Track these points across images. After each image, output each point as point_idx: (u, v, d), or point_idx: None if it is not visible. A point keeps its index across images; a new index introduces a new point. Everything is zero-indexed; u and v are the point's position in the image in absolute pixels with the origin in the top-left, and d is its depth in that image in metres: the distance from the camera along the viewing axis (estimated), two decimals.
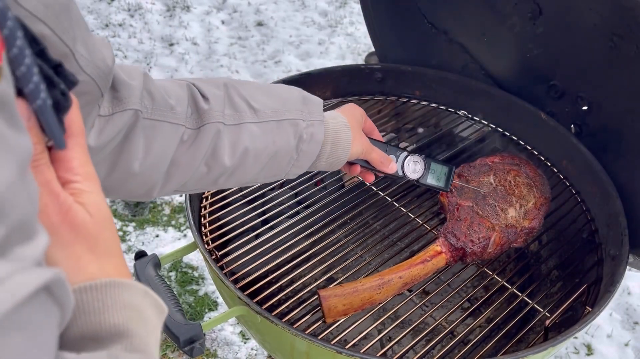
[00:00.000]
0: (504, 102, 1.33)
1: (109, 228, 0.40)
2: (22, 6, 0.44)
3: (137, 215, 2.17)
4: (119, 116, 0.62)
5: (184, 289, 1.91)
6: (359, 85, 1.42)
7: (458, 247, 0.99)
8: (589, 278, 1.05)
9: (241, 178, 0.77)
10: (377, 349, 1.06)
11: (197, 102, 0.70)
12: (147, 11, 3.32)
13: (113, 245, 0.41)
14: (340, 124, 0.82)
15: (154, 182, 0.69)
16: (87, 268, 0.38)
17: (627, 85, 1.06)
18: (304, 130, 0.77)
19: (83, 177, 0.39)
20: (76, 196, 0.38)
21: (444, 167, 0.98)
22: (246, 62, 2.98)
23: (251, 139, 0.73)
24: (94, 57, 0.54)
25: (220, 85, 0.73)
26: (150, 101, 0.65)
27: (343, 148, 0.82)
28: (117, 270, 0.40)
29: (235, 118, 0.72)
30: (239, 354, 1.75)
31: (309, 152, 0.79)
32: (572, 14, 1.08)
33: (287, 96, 0.78)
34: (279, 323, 0.86)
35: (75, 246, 0.38)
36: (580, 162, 1.20)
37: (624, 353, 1.77)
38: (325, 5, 3.46)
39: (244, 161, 0.74)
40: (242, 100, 0.73)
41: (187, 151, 0.69)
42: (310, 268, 1.03)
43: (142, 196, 0.72)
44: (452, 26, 1.35)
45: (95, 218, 0.39)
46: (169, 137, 0.67)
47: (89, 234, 0.38)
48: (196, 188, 0.76)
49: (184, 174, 0.71)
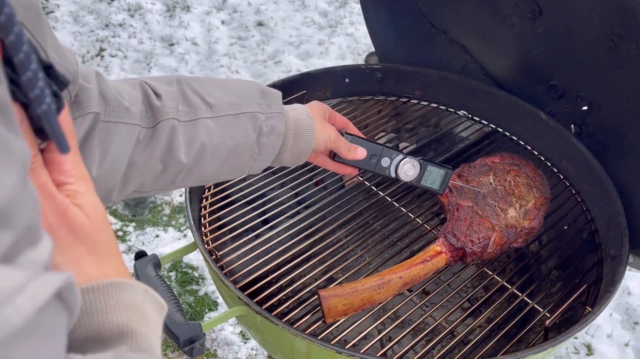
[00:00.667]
0: (504, 102, 1.33)
1: (106, 229, 0.41)
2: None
3: (137, 215, 2.17)
4: (80, 121, 0.61)
5: (184, 289, 1.91)
6: (359, 85, 1.42)
7: (458, 247, 0.99)
8: (589, 278, 1.05)
9: (200, 175, 0.76)
10: (377, 349, 1.06)
11: (150, 100, 0.69)
12: (147, 11, 3.32)
13: (111, 245, 0.41)
14: (302, 114, 0.81)
15: (112, 186, 0.68)
16: (87, 270, 0.38)
17: (627, 85, 1.06)
18: (263, 122, 0.76)
19: (77, 178, 0.39)
20: (72, 198, 0.38)
21: (440, 170, 0.98)
22: (246, 62, 2.98)
23: (207, 134, 0.72)
24: (65, 61, 0.55)
25: (173, 81, 0.72)
26: (105, 103, 0.64)
27: (306, 139, 0.81)
28: (117, 270, 0.40)
29: (190, 114, 0.71)
30: (239, 354, 1.75)
31: (270, 145, 0.78)
32: (572, 14, 1.08)
33: (245, 90, 0.77)
34: (279, 323, 0.86)
35: (75, 249, 0.38)
36: (580, 162, 1.20)
37: (624, 353, 1.77)
38: (325, 6, 3.46)
39: (201, 157, 0.73)
40: (197, 96, 0.73)
41: (144, 151, 0.68)
42: (310, 268, 1.03)
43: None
44: (452, 26, 1.35)
45: (92, 219, 0.39)
46: (125, 138, 0.66)
47: (88, 235, 0.38)
48: (154, 189, 0.75)
49: (142, 175, 0.70)
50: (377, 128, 1.38)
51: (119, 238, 2.07)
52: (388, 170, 0.93)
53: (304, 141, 0.81)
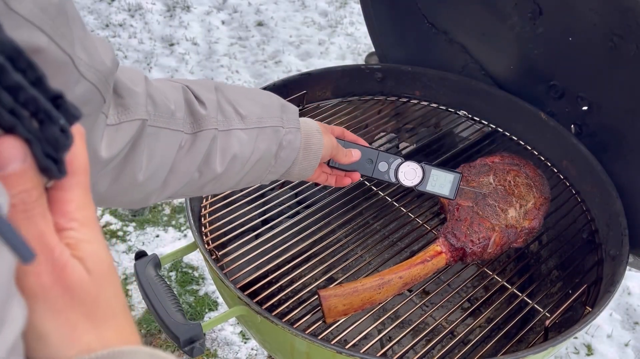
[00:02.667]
0: (504, 102, 1.33)
1: (110, 284, 0.35)
2: (16, 12, 0.40)
3: (138, 215, 2.17)
4: (128, 125, 0.59)
5: (184, 289, 1.91)
6: (359, 85, 1.42)
7: (458, 247, 0.99)
8: (589, 278, 1.05)
9: (225, 184, 0.76)
10: (377, 349, 1.06)
11: (192, 106, 0.68)
12: (148, 11, 3.32)
13: (115, 304, 0.35)
14: (312, 129, 0.83)
15: (152, 190, 0.68)
16: (82, 338, 0.32)
17: (627, 85, 1.06)
18: (283, 137, 0.77)
19: (81, 222, 0.33)
20: (72, 248, 0.33)
21: (448, 175, 0.95)
22: (246, 62, 2.98)
23: (239, 146, 0.73)
24: (94, 61, 0.50)
25: (212, 88, 0.72)
26: (153, 107, 0.62)
27: (315, 154, 0.82)
28: (119, 334, 0.35)
29: (225, 124, 0.71)
30: (239, 354, 1.75)
31: (285, 158, 0.79)
32: (573, 14, 1.08)
33: (268, 103, 0.78)
34: (279, 323, 0.86)
35: (70, 313, 0.32)
36: (580, 162, 1.20)
37: (624, 353, 1.77)
38: (325, 6, 3.46)
39: (231, 167, 0.73)
40: (230, 105, 0.72)
41: (185, 157, 0.68)
42: (310, 268, 1.03)
43: (137, 204, 0.70)
44: (452, 26, 1.35)
45: (94, 274, 0.33)
46: (169, 144, 0.65)
47: (87, 296, 0.33)
48: (183, 195, 0.75)
49: (179, 181, 0.69)
50: (377, 128, 1.38)
51: (119, 238, 2.07)
52: (387, 174, 0.93)
53: (312, 155, 0.82)
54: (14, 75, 0.28)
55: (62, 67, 0.46)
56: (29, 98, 0.29)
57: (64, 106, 0.31)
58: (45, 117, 0.30)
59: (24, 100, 0.29)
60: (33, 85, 0.29)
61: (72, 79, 0.48)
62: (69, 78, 0.47)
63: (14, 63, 0.28)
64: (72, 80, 0.48)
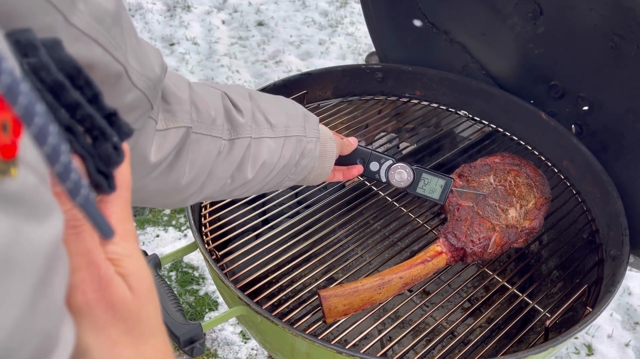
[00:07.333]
0: (505, 102, 1.33)
1: (151, 302, 0.35)
2: (74, 26, 0.40)
3: (138, 215, 2.17)
4: (175, 132, 0.60)
5: (184, 289, 1.91)
6: (360, 85, 1.42)
7: (458, 247, 0.99)
8: (590, 278, 1.05)
9: (249, 190, 0.78)
10: (377, 349, 1.06)
11: (230, 114, 0.70)
12: (148, 11, 3.32)
13: (154, 321, 0.35)
14: (327, 137, 0.85)
15: (190, 193, 0.69)
16: (122, 354, 0.33)
17: (628, 85, 1.06)
18: (305, 146, 0.80)
19: (121, 236, 0.33)
20: (116, 264, 0.33)
21: (439, 179, 0.98)
22: (247, 62, 2.98)
23: (268, 153, 0.74)
24: (145, 69, 0.51)
25: (247, 96, 0.74)
26: (197, 114, 0.64)
27: (329, 160, 0.86)
28: (156, 351, 0.35)
29: (257, 132, 0.73)
30: (239, 354, 1.75)
31: (305, 166, 0.81)
32: (573, 14, 1.08)
33: (293, 112, 0.80)
34: (279, 323, 0.86)
35: (111, 329, 0.32)
36: (580, 162, 1.20)
37: (625, 354, 1.77)
38: (325, 5, 3.46)
39: (260, 174, 0.75)
40: (261, 114, 0.74)
41: (222, 163, 0.69)
42: (310, 268, 1.03)
43: (175, 205, 0.72)
44: (453, 26, 1.35)
45: (137, 292, 0.33)
46: (210, 150, 0.67)
47: (129, 313, 0.33)
48: (213, 198, 0.77)
49: (215, 185, 0.71)
50: (378, 128, 1.38)
51: None
52: (378, 174, 0.96)
53: (327, 163, 0.85)
54: (72, 93, 0.28)
55: (116, 78, 0.47)
56: (85, 116, 0.29)
57: (117, 123, 0.32)
58: (99, 134, 0.30)
59: (80, 117, 0.29)
60: (89, 102, 0.30)
61: (125, 88, 0.48)
62: (121, 87, 0.48)
63: (73, 81, 0.29)
64: (125, 89, 0.49)
